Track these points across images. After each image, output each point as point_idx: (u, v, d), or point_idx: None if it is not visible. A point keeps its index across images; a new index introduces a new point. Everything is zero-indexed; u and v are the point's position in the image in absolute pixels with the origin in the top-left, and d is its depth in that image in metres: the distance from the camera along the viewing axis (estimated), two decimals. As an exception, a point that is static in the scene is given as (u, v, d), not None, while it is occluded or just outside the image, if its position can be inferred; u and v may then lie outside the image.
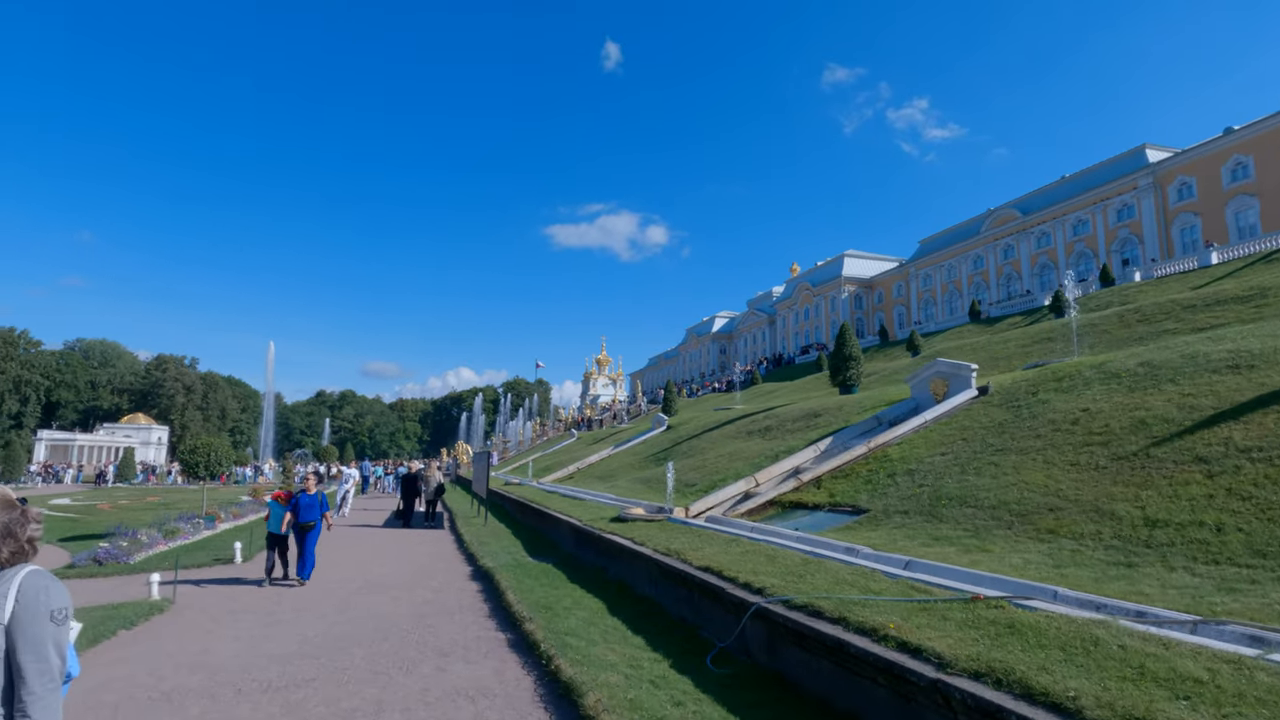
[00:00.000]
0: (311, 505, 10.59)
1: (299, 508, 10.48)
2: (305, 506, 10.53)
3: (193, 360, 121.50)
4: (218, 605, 8.69)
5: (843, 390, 24.11)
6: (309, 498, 10.63)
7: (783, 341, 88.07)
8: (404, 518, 18.31)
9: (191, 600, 8.90)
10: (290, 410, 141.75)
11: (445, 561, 12.10)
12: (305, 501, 10.57)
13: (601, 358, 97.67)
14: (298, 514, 10.44)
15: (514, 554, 12.39)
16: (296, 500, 10.55)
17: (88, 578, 11.17)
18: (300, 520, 10.46)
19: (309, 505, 10.57)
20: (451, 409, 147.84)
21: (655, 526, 10.91)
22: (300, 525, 10.49)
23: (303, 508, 10.51)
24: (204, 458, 17.18)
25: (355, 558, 12.79)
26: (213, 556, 12.38)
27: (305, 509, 10.52)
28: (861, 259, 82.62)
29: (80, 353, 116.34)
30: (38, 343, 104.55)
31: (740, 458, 17.39)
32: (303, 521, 10.48)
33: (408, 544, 14.77)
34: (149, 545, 13.17)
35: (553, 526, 14.66)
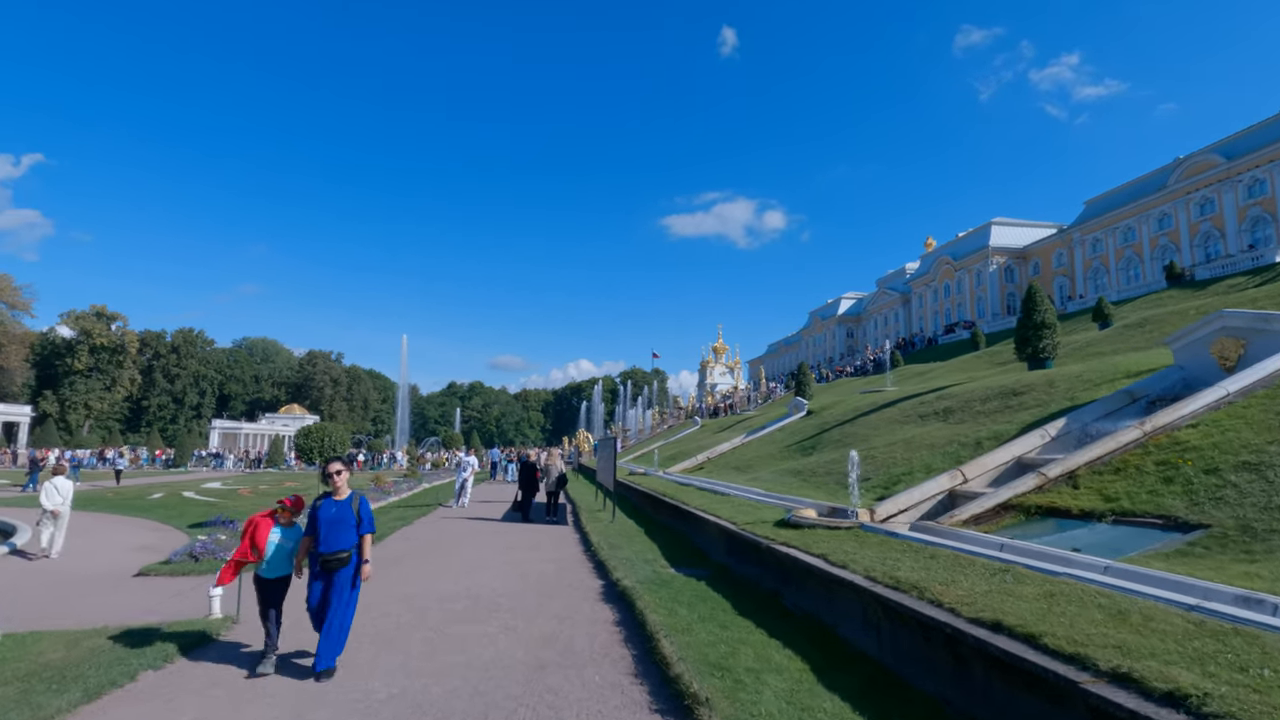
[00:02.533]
0: (342, 522, 5.73)
1: (319, 526, 5.71)
2: (331, 523, 5.71)
3: (338, 355, 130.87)
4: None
5: (1032, 365, 19.76)
6: (337, 507, 5.79)
7: (919, 321, 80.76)
8: (522, 511, 16.48)
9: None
10: (425, 401, 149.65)
11: (569, 571, 9.82)
12: (330, 515, 5.74)
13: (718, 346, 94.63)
14: (318, 537, 5.72)
15: (652, 563, 9.91)
16: (315, 514, 5.79)
17: (180, 575, 9.92)
18: (323, 550, 5.67)
19: (338, 521, 5.73)
20: (572, 398, 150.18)
21: (844, 537, 8.02)
22: (324, 559, 5.66)
23: (326, 525, 5.70)
24: (318, 443, 16.14)
25: (463, 561, 10.82)
26: (311, 554, 10.84)
27: (331, 528, 5.70)
28: (1012, 226, 73.68)
29: (246, 350, 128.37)
30: (211, 341, 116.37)
31: (920, 446, 13.98)
32: (326, 552, 5.65)
33: (525, 544, 12.72)
34: (252, 538, 11.92)
35: (695, 528, 12.08)
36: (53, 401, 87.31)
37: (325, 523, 5.70)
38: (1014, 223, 74.33)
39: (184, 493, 26.49)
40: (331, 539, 5.67)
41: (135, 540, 14.49)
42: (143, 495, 25.15)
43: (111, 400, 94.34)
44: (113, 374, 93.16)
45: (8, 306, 78.57)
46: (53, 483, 13.37)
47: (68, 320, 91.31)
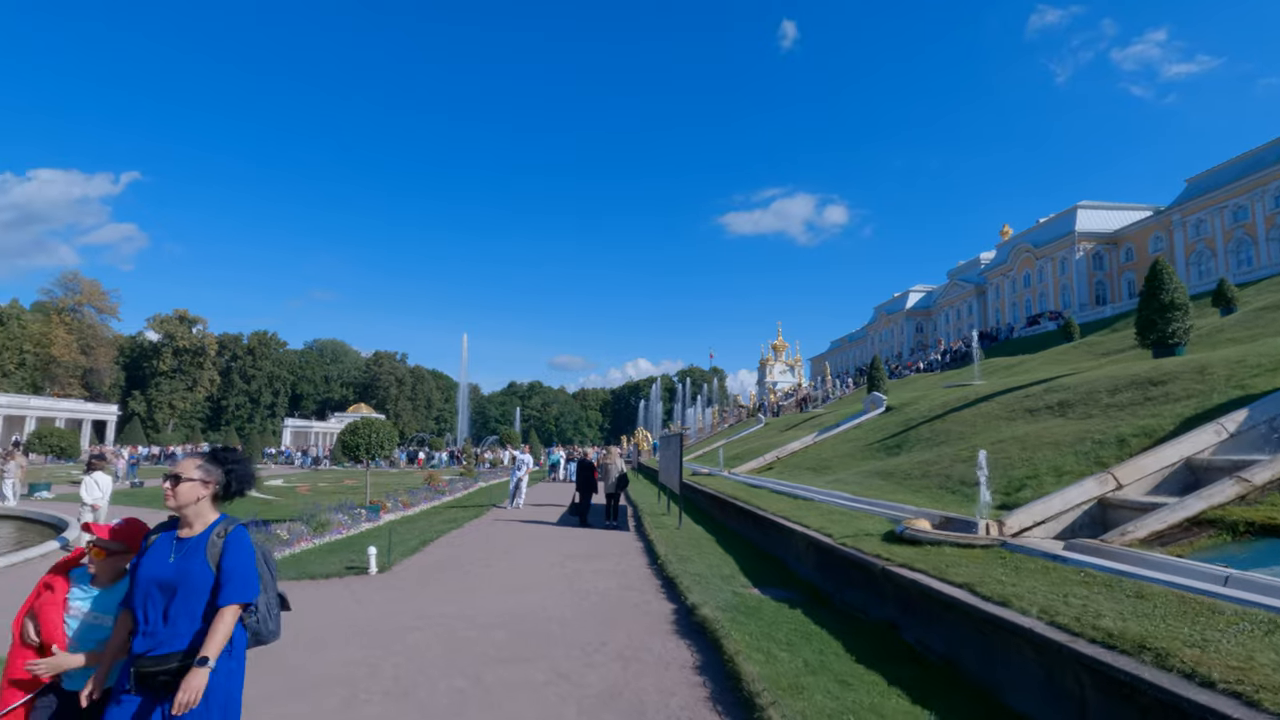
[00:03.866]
0: (184, 585, 2.60)
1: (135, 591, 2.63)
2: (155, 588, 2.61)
3: (403, 355, 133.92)
4: (292, 661, 5.59)
5: (1159, 352, 17.18)
6: (181, 555, 2.65)
7: (995, 313, 76.07)
8: (580, 514, 15.15)
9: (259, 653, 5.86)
10: (486, 400, 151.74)
11: (633, 589, 8.36)
12: (158, 572, 2.63)
13: (778, 343, 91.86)
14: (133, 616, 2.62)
15: (730, 582, 8.37)
16: (133, 569, 2.69)
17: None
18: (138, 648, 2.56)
19: (175, 583, 2.60)
20: (630, 397, 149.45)
21: (984, 558, 6.30)
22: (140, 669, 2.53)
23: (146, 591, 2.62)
24: (364, 439, 15.22)
25: (512, 573, 9.50)
26: (345, 563, 9.74)
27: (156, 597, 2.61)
28: (1100, 210, 68.28)
29: (316, 351, 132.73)
30: (284, 344, 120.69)
31: (1040, 444, 11.92)
32: (144, 654, 2.54)
33: (582, 553, 11.34)
34: (289, 542, 11.00)
35: (775, 538, 10.45)
36: (140, 401, 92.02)
37: (145, 586, 2.60)
38: (1102, 205, 68.90)
39: (245, 490, 26.44)
40: (155, 625, 2.57)
41: (180, 540, 13.87)
42: (205, 492, 25.16)
43: (193, 400, 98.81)
44: (194, 375, 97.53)
45: (96, 311, 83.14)
46: (93, 478, 13.22)
47: (154, 324, 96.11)
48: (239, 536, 2.80)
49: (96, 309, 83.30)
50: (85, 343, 79.38)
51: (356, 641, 6.11)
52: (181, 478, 2.78)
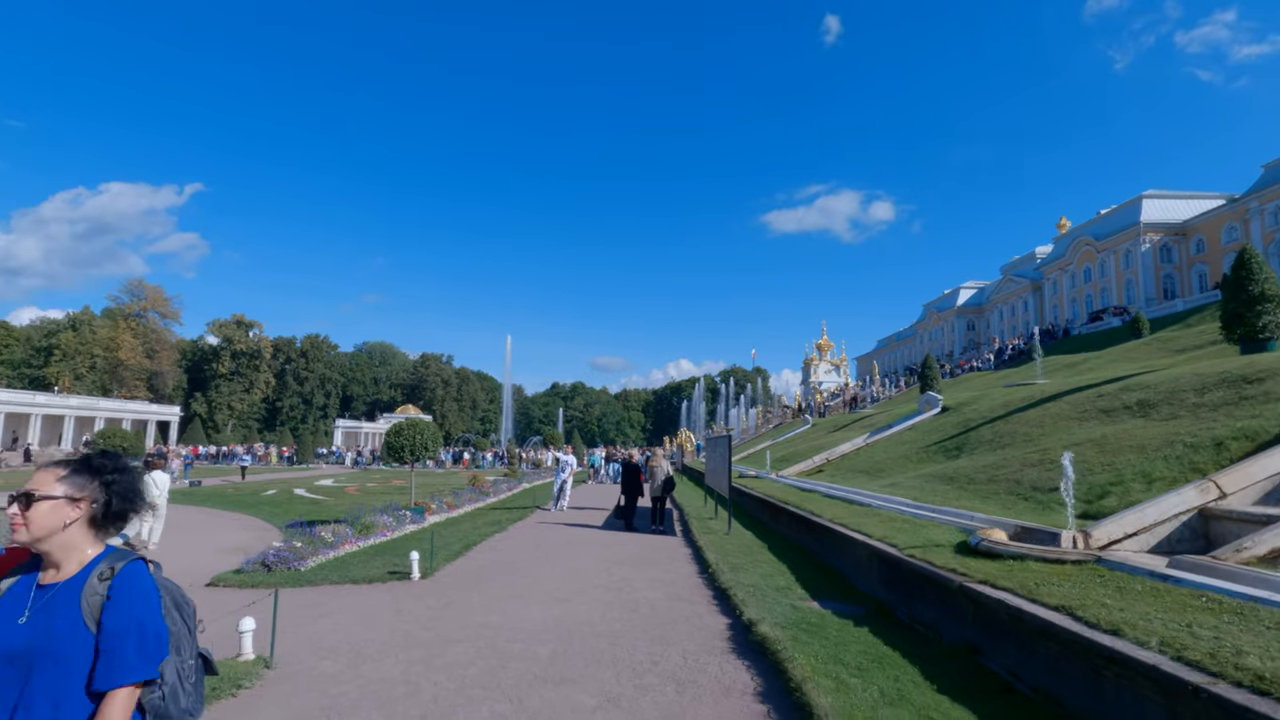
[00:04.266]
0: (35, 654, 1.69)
1: None
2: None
3: (449, 357, 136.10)
4: (327, 677, 5.32)
5: (1247, 348, 15.91)
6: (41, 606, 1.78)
7: (1053, 309, 73.02)
8: (626, 518, 14.76)
9: (293, 668, 5.64)
10: (530, 401, 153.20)
11: (685, 600, 7.91)
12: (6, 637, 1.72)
13: (823, 343, 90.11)
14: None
15: (787, 593, 7.85)
16: None
17: (247, 587, 8.84)
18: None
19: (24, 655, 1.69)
20: (672, 398, 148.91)
21: (1077, 576, 5.67)
22: None
23: None
24: (409, 441, 15.14)
25: (558, 580, 9.16)
26: (388, 568, 9.55)
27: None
28: (1167, 199, 64.77)
29: (366, 354, 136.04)
30: (335, 346, 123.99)
31: (1121, 448, 11.01)
32: None
33: (629, 559, 10.94)
34: (334, 545, 10.89)
35: (834, 546, 9.87)
36: (202, 402, 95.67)
37: None
38: (1169, 195, 65.36)
39: (295, 490, 26.97)
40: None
41: (231, 540, 14.01)
42: (258, 492, 25.72)
43: (250, 401, 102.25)
44: (251, 377, 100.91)
45: (160, 316, 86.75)
46: (150, 477, 13.33)
47: (213, 328, 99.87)
48: (133, 578, 1.86)
49: (160, 314, 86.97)
50: (150, 347, 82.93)
51: (395, 655, 5.83)
52: (35, 496, 1.84)
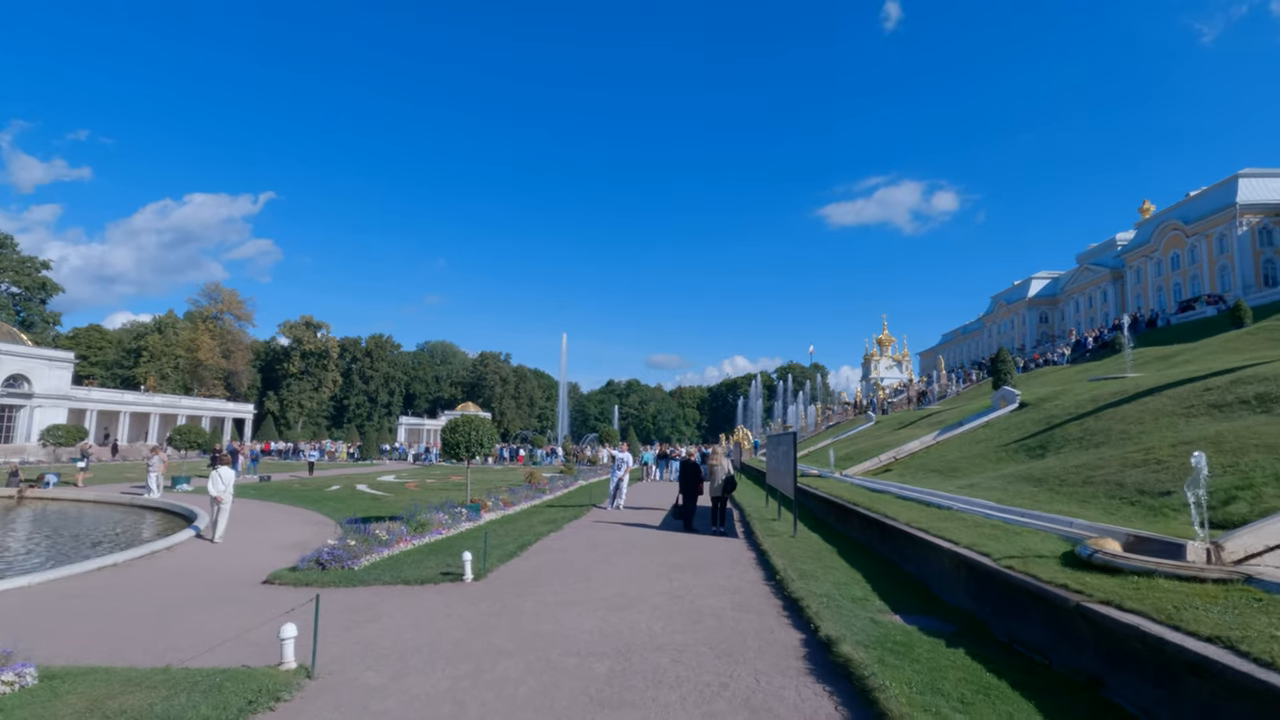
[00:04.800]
0: None
1: None
2: None
3: (507, 355, 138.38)
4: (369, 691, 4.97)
5: (1384, 336, 14.09)
6: None
7: (1136, 298, 68.47)
8: (684, 518, 14.20)
9: (335, 679, 5.31)
10: (586, 399, 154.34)
11: (752, 612, 7.30)
12: None
13: (883, 337, 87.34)
14: None
15: (864, 605, 7.16)
16: None
17: (301, 586, 8.71)
18: None
19: None
20: (727, 395, 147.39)
21: (1223, 597, 4.82)
22: None
23: None
24: (464, 437, 14.97)
25: (614, 585, 8.68)
26: (441, 568, 9.28)
27: None
28: (1267, 178, 59.66)
29: (428, 353, 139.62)
30: (398, 346, 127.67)
31: (1242, 447, 9.79)
32: None
33: (690, 563, 10.38)
34: (388, 543, 10.73)
35: (913, 553, 9.07)
36: (274, 400, 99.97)
37: None
38: (1269, 173, 60.24)
39: (358, 485, 27.45)
40: None
41: (291, 536, 14.14)
42: (322, 487, 26.29)
43: (319, 399, 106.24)
44: (319, 376, 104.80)
45: (235, 319, 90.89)
46: (218, 472, 13.81)
47: (284, 329, 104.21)
48: None
49: (235, 316, 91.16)
50: (226, 347, 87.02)
51: (443, 665, 5.45)
52: None
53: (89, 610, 7.62)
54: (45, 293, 74.75)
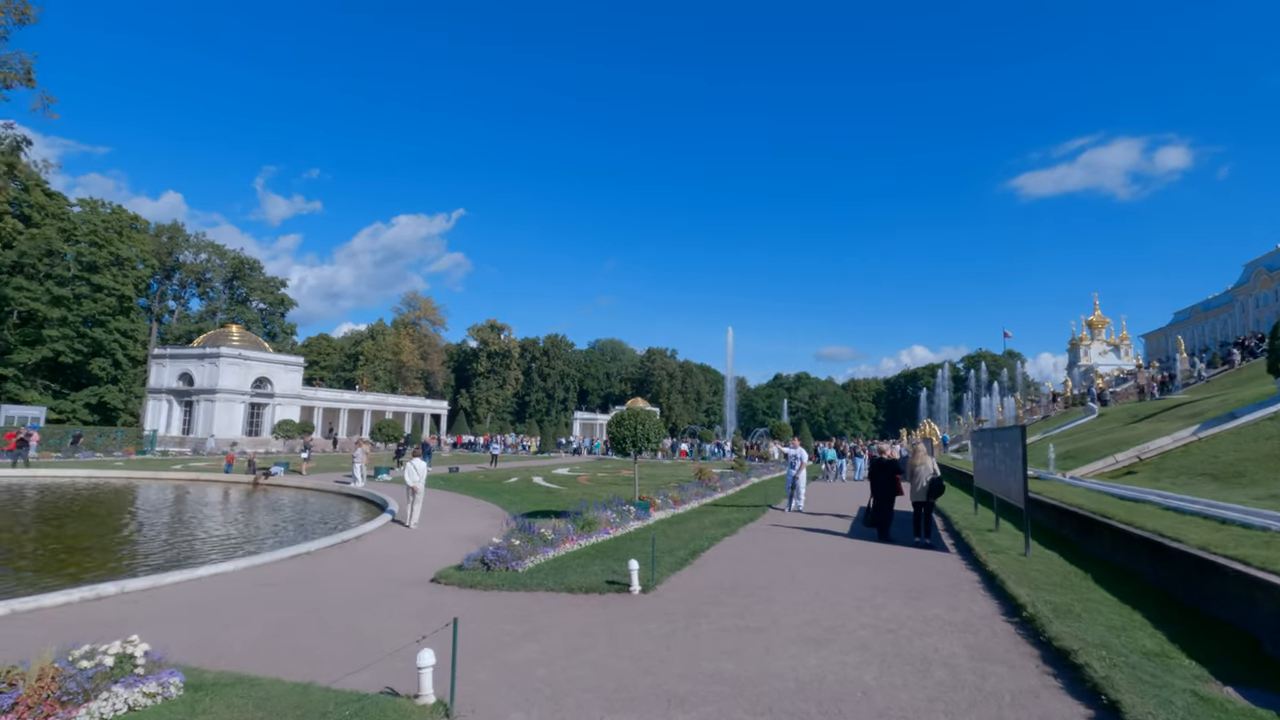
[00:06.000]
0: None
1: None
2: None
3: (673, 351, 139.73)
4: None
5: None
6: None
7: None
8: (878, 525, 12.29)
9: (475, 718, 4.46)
10: (753, 394, 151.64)
11: (999, 663, 5.52)
12: None
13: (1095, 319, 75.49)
14: None
15: (1169, 665, 5.11)
16: None
17: (465, 587, 8.29)
18: None
19: None
20: (906, 387, 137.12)
21: None
22: None
23: None
24: (630, 431, 14.24)
25: (804, 611, 7.24)
26: (607, 575, 8.41)
27: None
28: None
29: (599, 350, 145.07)
30: (571, 345, 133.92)
31: None
32: None
33: (896, 585, 8.62)
34: (554, 543, 10.14)
35: (1221, 590, 6.63)
36: (466, 398, 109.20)
37: None
38: None
39: (534, 478, 28.20)
40: None
41: (468, 528, 14.26)
42: (502, 479, 27.29)
43: (504, 396, 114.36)
44: (503, 375, 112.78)
45: (430, 324, 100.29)
46: (412, 463, 14.63)
47: (472, 333, 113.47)
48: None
49: (430, 322, 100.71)
50: (423, 350, 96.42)
51: (602, 713, 4.43)
52: None
53: (268, 602, 7.68)
54: (284, 307, 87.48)
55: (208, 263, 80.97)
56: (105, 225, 60.63)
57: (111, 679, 4.20)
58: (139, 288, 65.24)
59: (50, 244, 54.79)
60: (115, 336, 59.35)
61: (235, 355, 51.67)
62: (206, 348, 51.78)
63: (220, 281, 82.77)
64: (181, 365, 51.81)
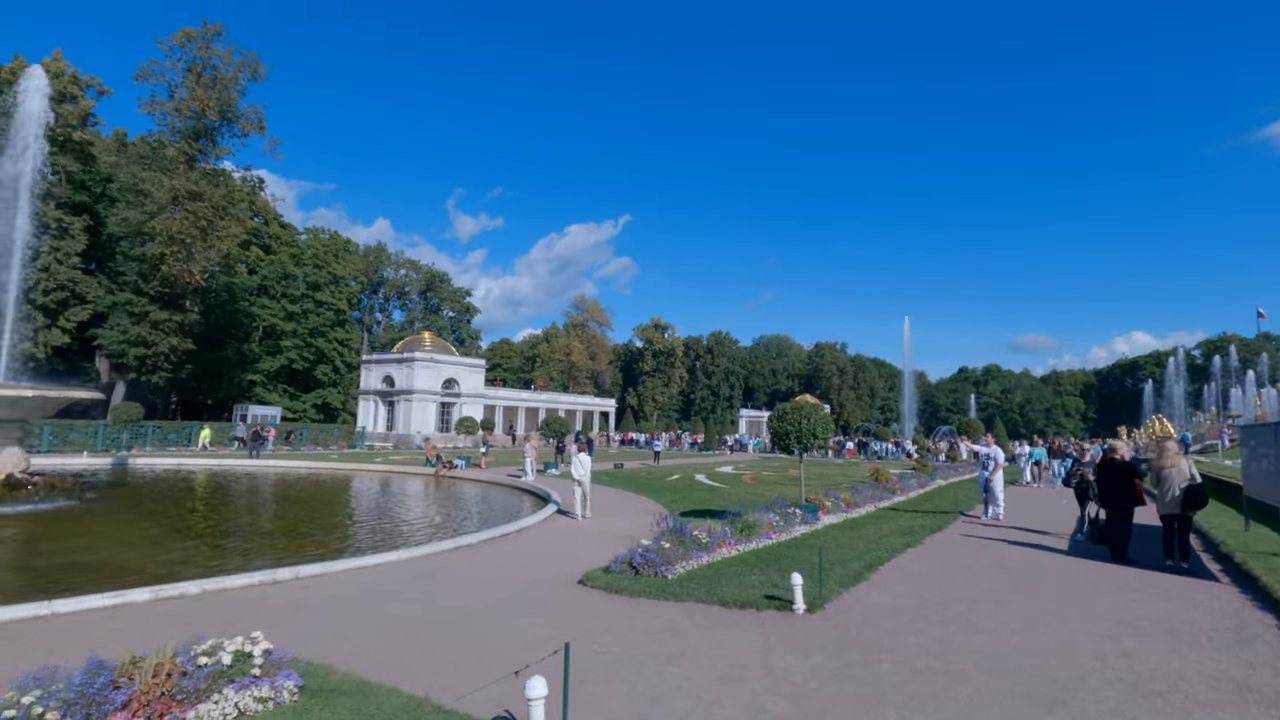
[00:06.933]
0: None
1: None
2: None
3: (843, 345, 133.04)
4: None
5: None
6: None
7: None
8: (1112, 544, 9.91)
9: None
10: (934, 388, 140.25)
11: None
12: None
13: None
14: None
15: None
16: None
17: (612, 592, 7.67)
18: None
19: None
20: (1123, 379, 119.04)
21: None
22: None
23: None
24: (794, 426, 12.95)
25: (1015, 650, 5.66)
26: (766, 589, 7.32)
27: None
28: None
29: (764, 347, 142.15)
30: (735, 341, 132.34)
31: None
32: None
33: (1149, 625, 6.64)
34: (708, 547, 9.24)
35: None
36: (633, 396, 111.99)
37: None
38: None
39: (696, 475, 27.53)
40: None
41: (624, 525, 13.81)
42: (664, 476, 26.94)
43: (669, 394, 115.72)
44: (668, 373, 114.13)
45: (597, 325, 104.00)
46: (577, 458, 15.53)
47: (638, 332, 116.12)
48: None
49: (598, 323, 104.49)
50: (591, 350, 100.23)
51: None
52: None
53: (418, 596, 7.58)
54: (469, 314, 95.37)
55: (405, 277, 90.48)
56: (324, 249, 69.87)
57: (226, 679, 3.99)
58: (351, 302, 74.38)
59: (284, 268, 64.04)
60: (334, 345, 68.05)
61: (427, 359, 56.84)
62: (403, 353, 57.53)
63: (416, 293, 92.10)
64: (384, 369, 58.06)
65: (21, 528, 12.75)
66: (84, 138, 42.76)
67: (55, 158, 38.34)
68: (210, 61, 41.77)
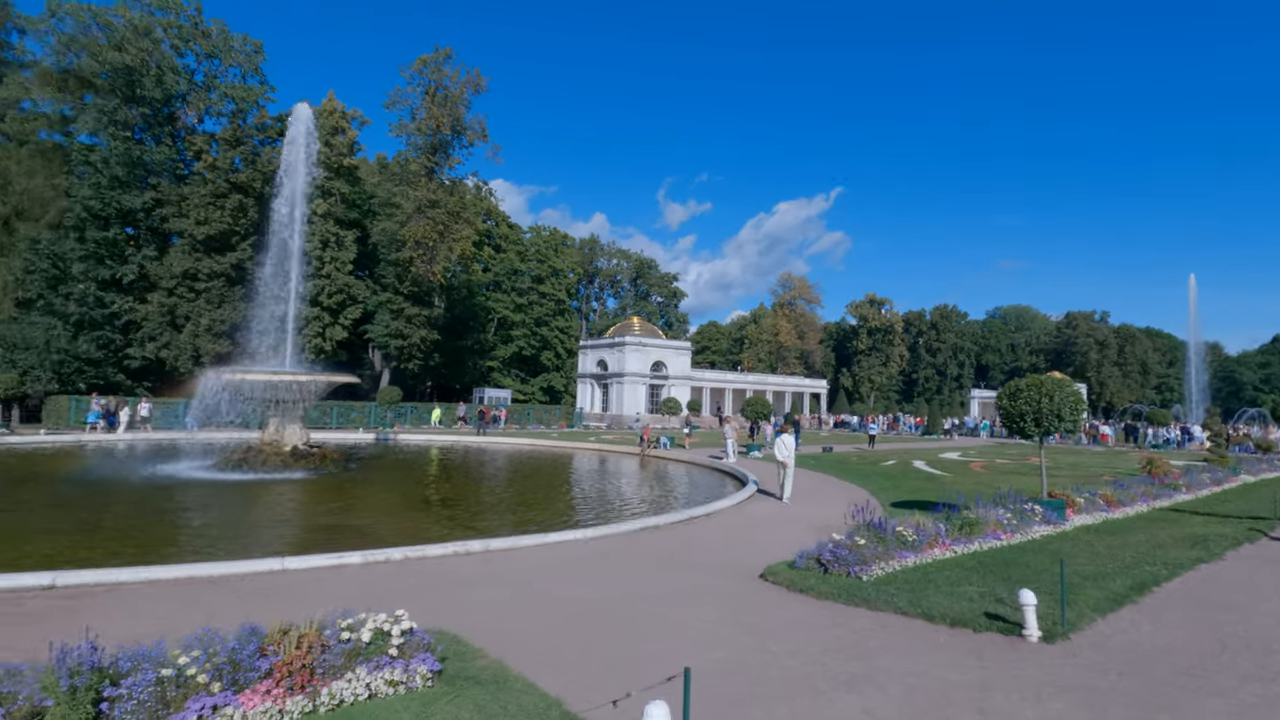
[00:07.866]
0: None
1: None
2: None
3: (1103, 314, 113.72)
4: None
5: None
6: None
7: None
8: None
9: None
10: (1235, 362, 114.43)
11: None
12: None
13: None
14: None
15: None
16: None
17: (793, 590, 6.81)
18: None
19: None
20: None
21: None
22: None
23: None
24: (1031, 405, 10.75)
25: None
26: (987, 604, 5.90)
27: None
28: None
29: (1000, 320, 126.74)
30: (964, 315, 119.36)
31: None
32: None
33: None
34: (915, 546, 7.89)
35: None
36: (847, 376, 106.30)
37: None
38: None
39: (914, 462, 24.93)
40: None
41: (823, 514, 12.65)
42: (878, 462, 24.79)
43: (888, 374, 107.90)
44: (886, 351, 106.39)
45: (806, 302, 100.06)
46: (780, 439, 15.14)
47: (851, 309, 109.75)
48: None
49: (806, 301, 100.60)
50: (800, 329, 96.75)
51: None
52: None
53: (590, 579, 7.38)
54: (676, 299, 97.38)
55: (617, 266, 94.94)
56: (545, 245, 75.81)
57: (362, 657, 3.94)
58: (570, 292, 79.90)
59: (513, 265, 70.62)
60: (556, 333, 73.68)
61: (636, 343, 58.99)
62: (614, 338, 60.35)
63: (627, 281, 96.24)
64: (598, 354, 61.43)
65: (303, 491, 15.29)
66: (352, 163, 50.68)
67: (330, 182, 45.94)
68: (442, 82, 47.02)
